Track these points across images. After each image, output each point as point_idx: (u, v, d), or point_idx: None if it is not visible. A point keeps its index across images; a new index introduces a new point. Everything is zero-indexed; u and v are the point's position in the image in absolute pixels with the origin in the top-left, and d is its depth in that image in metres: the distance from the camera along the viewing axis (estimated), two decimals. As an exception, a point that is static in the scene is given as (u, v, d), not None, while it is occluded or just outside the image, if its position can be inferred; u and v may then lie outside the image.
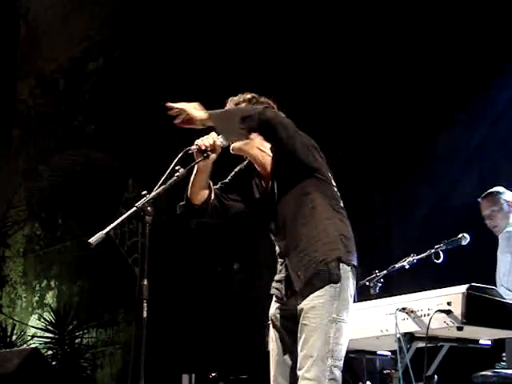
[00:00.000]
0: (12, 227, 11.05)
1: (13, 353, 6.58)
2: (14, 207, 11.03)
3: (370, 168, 7.01)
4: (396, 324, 3.77)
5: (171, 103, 3.21)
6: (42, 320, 9.69)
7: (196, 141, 3.29)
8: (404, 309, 3.81)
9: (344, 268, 3.21)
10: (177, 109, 3.20)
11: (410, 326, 3.79)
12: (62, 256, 10.40)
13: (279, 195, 3.33)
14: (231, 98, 3.49)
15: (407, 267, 4.74)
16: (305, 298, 3.19)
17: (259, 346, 4.08)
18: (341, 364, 3.16)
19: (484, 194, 5.46)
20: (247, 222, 4.65)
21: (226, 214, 3.48)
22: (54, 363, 8.81)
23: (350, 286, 3.24)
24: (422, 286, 3.95)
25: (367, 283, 4.74)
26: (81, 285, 10.04)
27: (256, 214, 3.50)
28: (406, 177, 6.54)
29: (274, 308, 3.40)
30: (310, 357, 3.11)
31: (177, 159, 3.18)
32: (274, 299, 3.42)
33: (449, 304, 3.65)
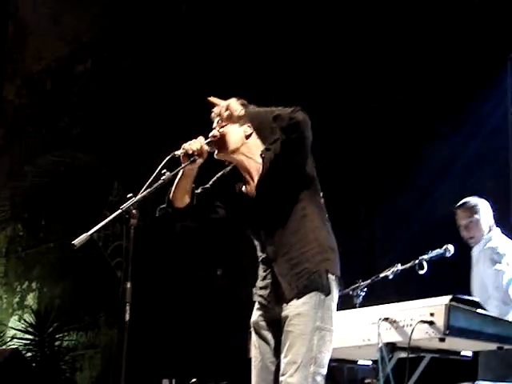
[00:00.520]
0: (-6, 227, 10.99)
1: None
2: (-3, 207, 10.97)
3: (355, 179, 7.03)
4: (378, 334, 3.77)
5: (213, 98, 3.30)
6: (22, 321, 9.63)
7: (183, 145, 3.27)
8: (387, 319, 3.82)
9: (330, 278, 3.23)
10: (219, 105, 3.27)
11: (393, 336, 3.80)
12: (44, 257, 10.35)
13: (267, 201, 3.31)
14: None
15: (391, 277, 4.73)
16: (290, 305, 3.19)
17: (240, 352, 4.07)
18: (324, 371, 3.16)
19: (460, 204, 5.37)
20: (231, 228, 4.63)
21: (207, 219, 3.48)
22: (34, 365, 8.74)
23: (335, 296, 3.25)
24: (406, 297, 3.96)
25: (351, 292, 4.73)
26: (62, 287, 9.98)
27: (238, 219, 3.48)
28: (391, 188, 6.56)
29: (257, 315, 3.38)
30: (294, 363, 3.11)
31: (163, 163, 3.17)
32: (257, 306, 3.39)
33: (431, 315, 3.66)
